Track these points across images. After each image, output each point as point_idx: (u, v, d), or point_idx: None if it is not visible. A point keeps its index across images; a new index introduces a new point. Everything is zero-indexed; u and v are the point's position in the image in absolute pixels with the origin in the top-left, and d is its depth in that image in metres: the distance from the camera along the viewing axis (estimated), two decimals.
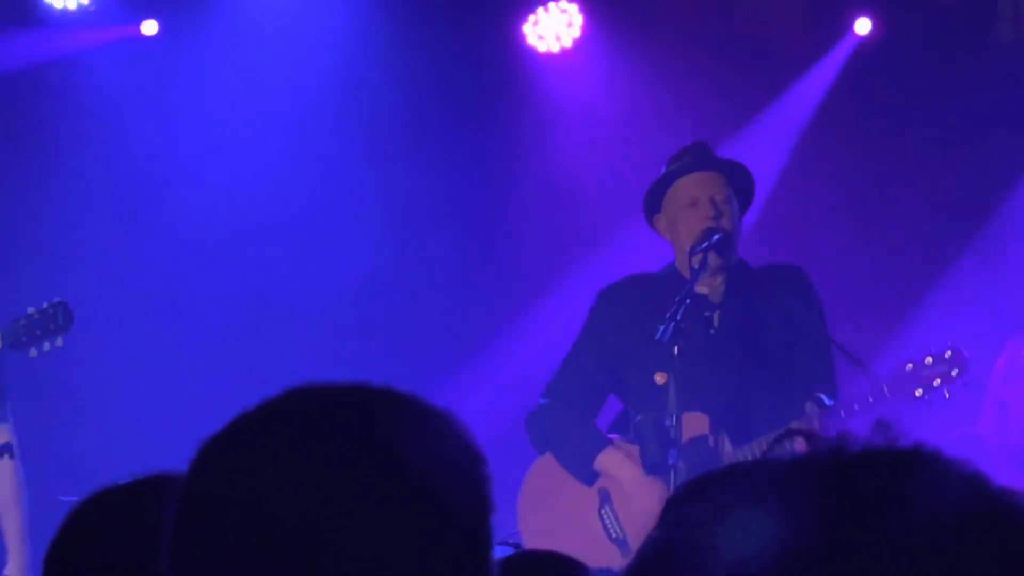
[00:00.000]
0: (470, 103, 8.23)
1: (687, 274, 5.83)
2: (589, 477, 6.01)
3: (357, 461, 1.56)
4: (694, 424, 5.78)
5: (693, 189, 5.89)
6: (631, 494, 5.90)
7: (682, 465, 5.60)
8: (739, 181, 5.95)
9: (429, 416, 1.63)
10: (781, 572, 1.03)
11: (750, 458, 5.46)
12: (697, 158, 5.95)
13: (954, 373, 5.58)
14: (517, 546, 1.89)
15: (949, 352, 5.61)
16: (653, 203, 6.00)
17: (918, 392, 5.58)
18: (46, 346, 6.22)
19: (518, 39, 8.25)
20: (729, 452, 5.75)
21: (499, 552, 2.40)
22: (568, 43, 8.24)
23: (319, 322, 8.09)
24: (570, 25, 8.23)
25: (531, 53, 8.27)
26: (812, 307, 5.95)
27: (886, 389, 5.63)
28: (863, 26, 8.04)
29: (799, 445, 1.12)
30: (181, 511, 1.59)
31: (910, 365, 5.62)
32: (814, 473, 1.08)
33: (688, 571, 1.07)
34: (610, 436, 6.05)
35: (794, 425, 5.53)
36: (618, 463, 5.95)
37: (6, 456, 6.10)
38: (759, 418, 5.74)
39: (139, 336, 8.01)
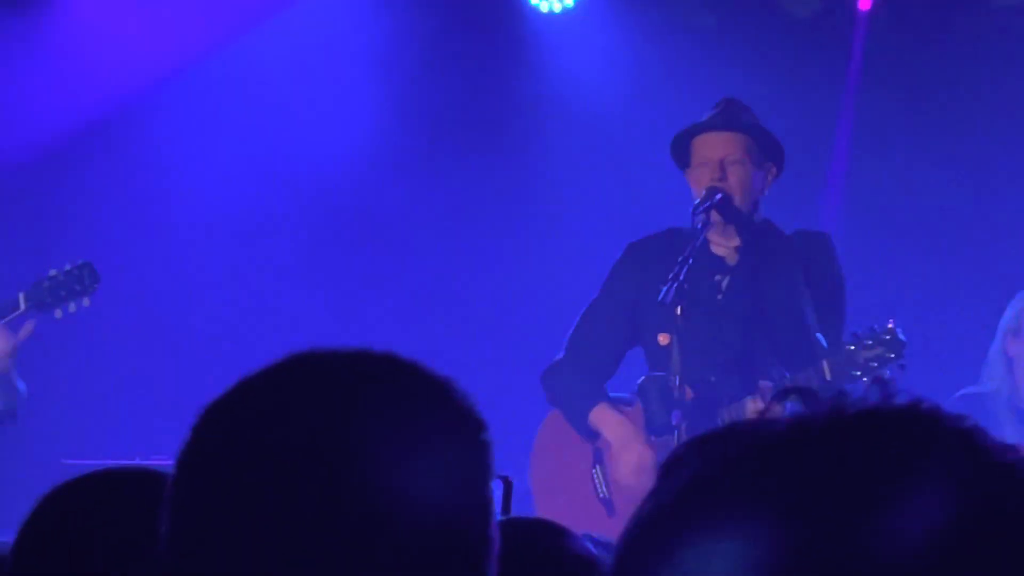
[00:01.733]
0: (470, 64, 8.21)
1: (711, 236, 5.87)
2: (588, 434, 6.04)
3: (356, 426, 1.56)
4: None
5: (705, 149, 5.91)
6: (616, 454, 5.93)
7: (685, 426, 5.60)
8: (766, 143, 5.94)
9: (429, 382, 1.63)
10: (779, 536, 1.03)
11: (736, 416, 5.50)
12: (715, 118, 5.96)
13: (891, 356, 5.61)
14: (505, 479, 1.88)
15: (886, 335, 5.62)
16: (683, 158, 6.01)
17: (856, 373, 5.60)
18: (72, 306, 6.23)
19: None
20: (725, 412, 5.75)
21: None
22: (570, 2, 8.21)
23: (332, 283, 8.09)
24: None
25: (533, 13, 8.24)
26: (829, 277, 5.94)
27: (826, 368, 5.63)
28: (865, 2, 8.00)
29: (795, 404, 1.11)
30: (179, 476, 1.60)
31: (851, 347, 5.64)
32: (813, 432, 1.06)
33: (684, 535, 1.06)
34: (623, 395, 6.06)
35: (790, 383, 5.54)
36: (606, 420, 5.97)
37: None
38: (758, 384, 5.75)
39: (154, 313, 8.00)
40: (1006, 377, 6.59)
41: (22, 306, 6.19)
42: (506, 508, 2.38)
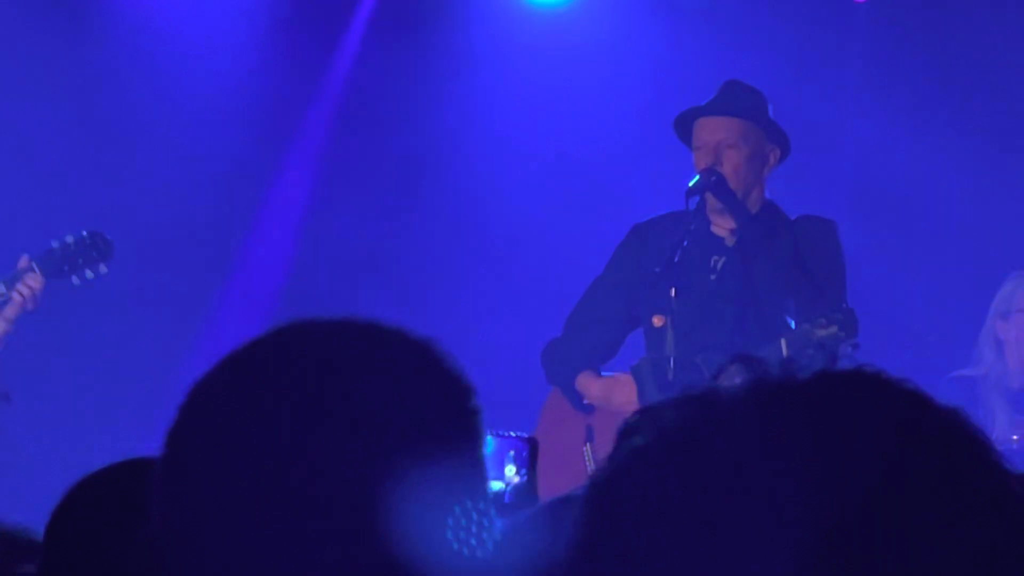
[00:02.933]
0: (464, 53, 8.21)
1: (709, 216, 5.90)
2: (580, 405, 6.08)
3: (341, 396, 1.56)
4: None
5: (702, 133, 5.94)
6: (611, 408, 5.96)
7: None
8: (766, 127, 5.96)
9: (415, 348, 1.62)
10: (726, 496, 1.05)
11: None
12: (712, 102, 5.99)
13: (842, 335, 5.62)
14: (532, 440, 1.88)
15: (840, 315, 5.65)
16: (687, 139, 6.04)
17: (810, 351, 5.61)
18: (89, 274, 6.09)
19: None
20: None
21: (514, 442, 2.42)
22: None
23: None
24: None
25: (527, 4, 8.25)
26: (828, 263, 5.96)
27: (783, 345, 5.66)
28: None
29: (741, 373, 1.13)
30: (168, 454, 1.59)
31: (806, 326, 5.66)
32: (762, 397, 1.09)
33: (633, 500, 1.09)
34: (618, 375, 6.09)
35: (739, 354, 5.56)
36: (589, 384, 6.02)
37: None
38: None
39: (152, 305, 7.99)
40: (995, 360, 6.61)
41: (36, 272, 6.00)
42: (532, 469, 2.39)
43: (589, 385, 6.04)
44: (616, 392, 5.95)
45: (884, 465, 1.05)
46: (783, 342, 5.64)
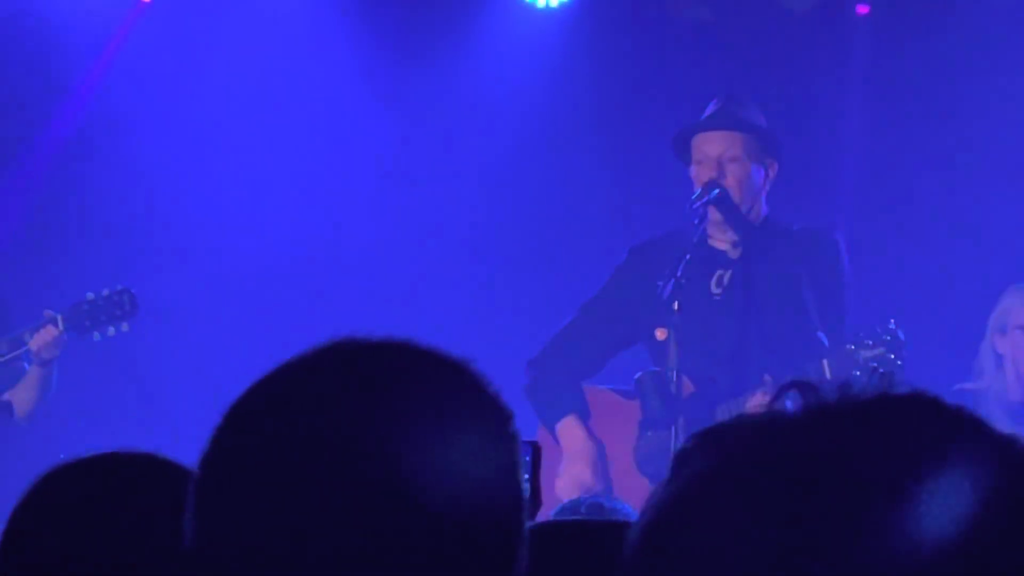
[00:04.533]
0: (465, 59, 8.21)
1: (711, 231, 5.91)
2: (553, 433, 6.09)
3: (386, 419, 1.55)
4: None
5: (703, 147, 5.95)
6: (565, 466, 5.95)
7: (683, 421, 5.64)
8: (765, 140, 5.97)
9: (459, 373, 1.61)
10: (794, 519, 1.05)
11: (735, 411, 5.53)
12: (713, 116, 5.99)
13: (891, 357, 5.63)
14: (534, 444, 1.90)
15: (888, 336, 5.64)
16: (684, 154, 6.04)
17: (856, 372, 5.62)
18: (111, 331, 6.42)
19: None
20: (722, 408, 5.78)
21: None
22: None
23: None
24: None
25: (529, 9, 8.24)
26: (832, 276, 5.97)
27: (826, 367, 5.66)
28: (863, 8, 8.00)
29: (795, 397, 1.13)
30: (207, 469, 1.58)
31: (851, 347, 5.66)
32: (820, 422, 1.09)
33: (703, 527, 1.07)
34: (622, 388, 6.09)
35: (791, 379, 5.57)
36: (570, 434, 6.01)
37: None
38: (756, 380, 5.77)
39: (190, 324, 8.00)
40: (995, 374, 6.61)
41: (60, 327, 6.38)
42: (535, 474, 2.42)
43: (571, 434, 6.03)
44: (573, 467, 5.96)
45: (959, 491, 1.06)
46: (825, 363, 5.64)
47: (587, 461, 5.94)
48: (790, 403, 1.12)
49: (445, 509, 1.53)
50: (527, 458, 1.67)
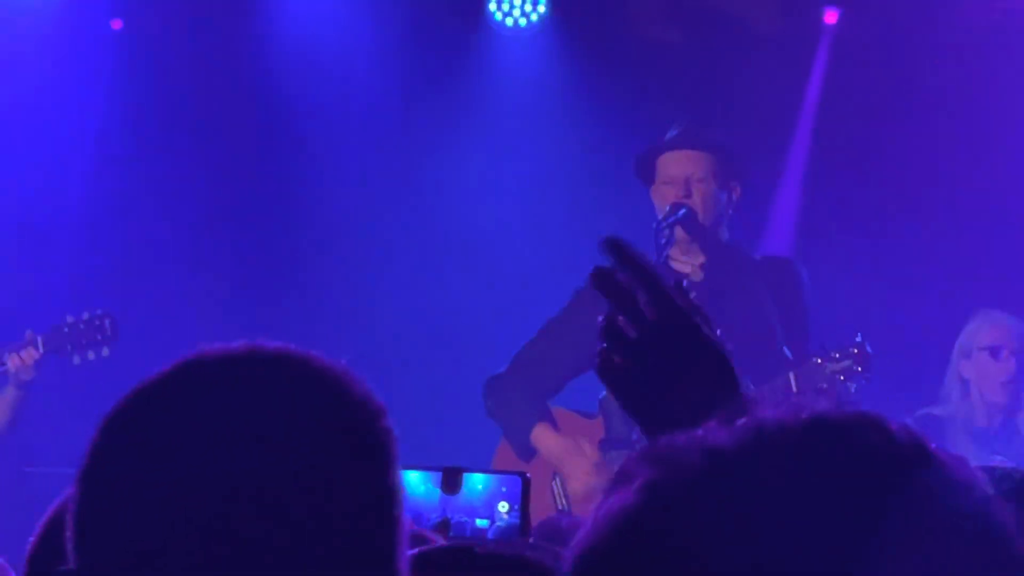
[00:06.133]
0: (434, 77, 8.21)
1: (673, 253, 5.88)
2: (525, 451, 6.05)
3: (243, 425, 1.57)
4: None
5: (669, 167, 5.93)
6: (566, 472, 5.92)
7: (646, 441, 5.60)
8: (732, 162, 5.96)
9: (317, 374, 1.62)
10: (738, 536, 1.05)
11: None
12: (679, 136, 5.97)
13: (858, 369, 5.62)
14: (523, 475, 1.84)
15: (854, 349, 5.64)
16: (647, 175, 6.02)
17: (822, 385, 5.61)
18: (90, 355, 6.44)
19: (484, 14, 8.21)
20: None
21: (507, 478, 2.36)
22: (535, 19, 8.20)
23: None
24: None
25: (497, 29, 8.24)
26: (796, 302, 5.95)
27: (792, 380, 5.65)
28: (831, 15, 8.01)
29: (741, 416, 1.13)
30: (81, 488, 1.61)
31: (817, 359, 5.66)
32: (766, 440, 1.08)
33: (654, 539, 1.07)
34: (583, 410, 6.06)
35: (755, 395, 5.55)
36: (546, 439, 5.97)
37: None
38: None
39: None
40: (961, 399, 6.61)
41: (40, 349, 6.38)
42: (525, 504, 2.36)
43: (545, 441, 6.00)
44: (572, 460, 5.91)
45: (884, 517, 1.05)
46: (792, 376, 5.63)
47: (581, 451, 5.89)
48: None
49: (304, 515, 1.54)
50: (517, 489, 1.65)
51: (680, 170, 5.91)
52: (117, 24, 8.02)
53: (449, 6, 8.23)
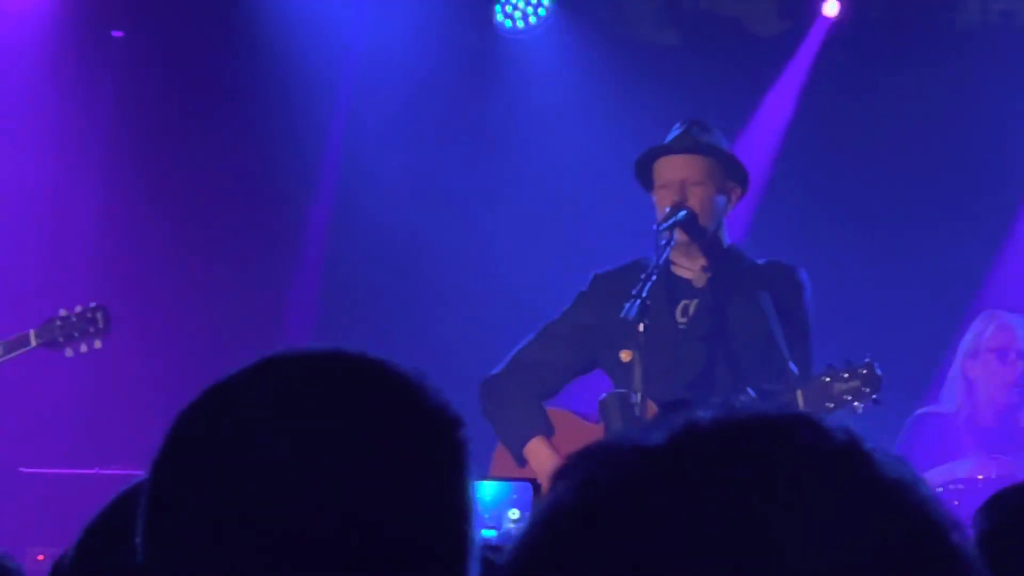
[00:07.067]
0: (438, 81, 8.22)
1: (675, 258, 5.87)
2: (519, 458, 6.03)
3: (325, 428, 1.57)
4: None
5: (666, 171, 5.91)
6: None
7: None
8: (729, 165, 5.94)
9: (396, 381, 1.62)
10: (659, 534, 1.05)
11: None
12: (676, 140, 5.95)
13: (866, 391, 5.59)
14: (533, 481, 1.87)
15: (863, 370, 5.61)
16: (646, 180, 6.01)
17: (829, 405, 5.58)
18: (83, 347, 6.48)
19: (488, 16, 8.23)
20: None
21: (517, 485, 2.36)
22: (533, 20, 8.21)
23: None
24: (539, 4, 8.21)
25: (499, 31, 8.25)
26: (798, 309, 5.92)
27: (800, 399, 5.62)
28: (831, 7, 8.02)
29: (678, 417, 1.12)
30: (154, 482, 1.60)
31: (826, 378, 5.62)
32: (699, 439, 1.08)
33: (583, 537, 1.08)
34: (584, 411, 6.05)
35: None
36: (538, 455, 5.96)
37: None
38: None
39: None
40: (965, 399, 6.62)
41: (32, 342, 6.43)
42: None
43: (537, 458, 5.99)
44: None
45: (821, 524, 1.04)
46: (799, 394, 5.60)
47: None
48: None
49: (379, 521, 1.54)
50: (528, 496, 1.65)
51: (675, 174, 5.88)
52: (118, 33, 8.05)
53: (457, 11, 8.25)
